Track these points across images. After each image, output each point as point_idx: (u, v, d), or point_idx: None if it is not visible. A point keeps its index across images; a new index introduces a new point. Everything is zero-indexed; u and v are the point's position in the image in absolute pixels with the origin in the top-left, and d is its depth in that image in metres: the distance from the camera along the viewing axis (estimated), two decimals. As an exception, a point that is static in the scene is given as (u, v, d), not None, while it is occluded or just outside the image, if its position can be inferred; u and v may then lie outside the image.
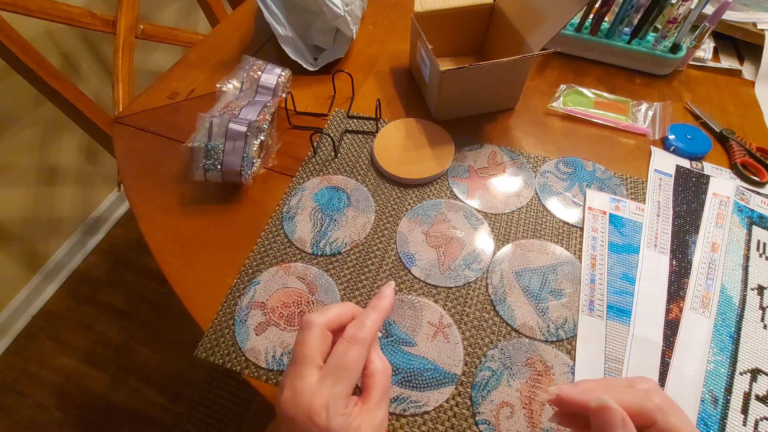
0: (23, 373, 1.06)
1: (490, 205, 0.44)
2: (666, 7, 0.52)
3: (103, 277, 1.23)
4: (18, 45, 0.66)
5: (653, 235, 0.41)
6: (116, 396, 1.02)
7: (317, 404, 0.24)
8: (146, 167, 0.48)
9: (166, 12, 1.23)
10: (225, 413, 0.99)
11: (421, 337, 0.36)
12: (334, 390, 0.25)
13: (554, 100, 0.53)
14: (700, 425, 0.31)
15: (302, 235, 0.42)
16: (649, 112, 0.52)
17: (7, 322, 1.10)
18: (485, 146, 0.49)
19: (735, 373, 0.33)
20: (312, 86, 0.56)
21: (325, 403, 0.24)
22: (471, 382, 0.33)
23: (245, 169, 0.42)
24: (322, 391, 0.25)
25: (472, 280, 0.39)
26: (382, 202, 0.44)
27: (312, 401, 0.24)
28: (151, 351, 1.09)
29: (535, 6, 0.45)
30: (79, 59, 1.06)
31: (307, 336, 0.27)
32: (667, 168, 0.47)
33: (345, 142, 0.50)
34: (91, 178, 1.22)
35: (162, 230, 0.43)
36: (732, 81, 0.57)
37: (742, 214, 0.42)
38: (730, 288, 0.38)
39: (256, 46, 0.63)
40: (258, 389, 0.34)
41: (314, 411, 0.24)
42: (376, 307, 0.29)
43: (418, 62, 0.53)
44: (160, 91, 0.57)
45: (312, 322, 0.27)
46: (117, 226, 1.33)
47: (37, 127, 1.02)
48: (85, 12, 0.78)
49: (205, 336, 0.36)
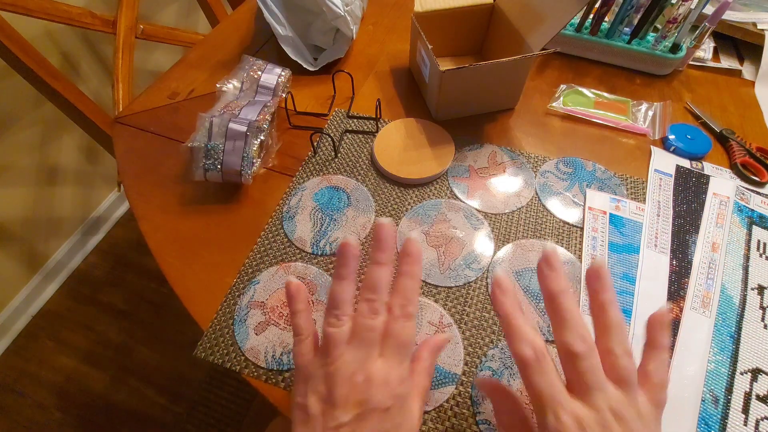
0: (23, 373, 1.06)
1: (490, 205, 0.44)
2: (666, 7, 0.52)
3: (103, 277, 1.23)
4: (18, 45, 0.66)
5: (653, 235, 0.41)
6: (116, 396, 1.02)
7: (394, 378, 0.26)
8: (146, 167, 0.48)
9: (166, 12, 1.24)
10: (225, 413, 0.99)
11: (422, 336, 0.36)
12: (403, 367, 0.26)
13: (554, 100, 0.53)
14: (700, 425, 0.31)
15: (302, 234, 0.42)
16: (649, 112, 0.52)
17: (7, 322, 1.10)
18: (485, 146, 0.49)
19: (735, 373, 0.33)
20: (312, 86, 0.56)
21: (400, 376, 0.26)
22: (471, 382, 0.33)
23: (245, 169, 0.42)
24: (398, 372, 0.26)
25: (472, 280, 0.39)
26: (382, 202, 0.44)
27: (388, 376, 0.26)
28: (151, 351, 1.09)
29: (535, 6, 0.45)
30: (79, 59, 1.06)
31: (378, 322, 0.27)
32: (667, 168, 0.47)
33: (345, 142, 0.50)
34: (91, 178, 1.23)
35: (162, 230, 0.43)
36: (732, 81, 0.57)
37: (742, 214, 0.42)
38: (730, 288, 0.38)
39: (256, 46, 0.63)
40: (258, 389, 0.34)
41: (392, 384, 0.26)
42: (410, 274, 0.28)
43: (418, 62, 0.53)
44: (160, 91, 0.57)
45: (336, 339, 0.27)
46: (117, 226, 1.33)
47: (37, 127, 1.02)
48: (85, 12, 0.78)
49: (205, 336, 0.36)
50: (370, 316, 0.27)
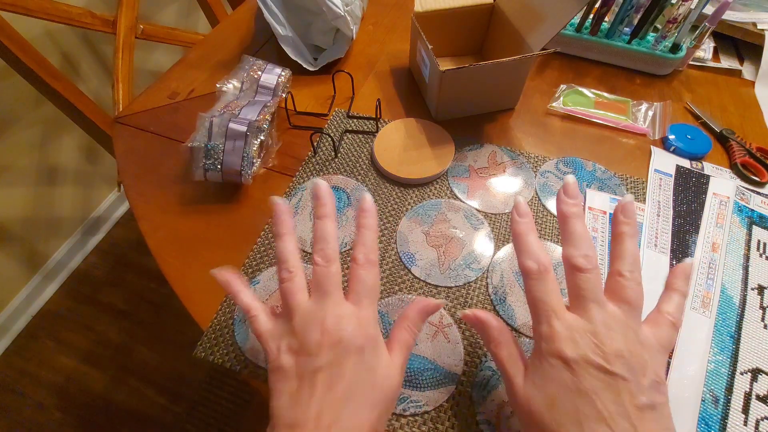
0: (23, 373, 1.06)
1: (491, 205, 0.44)
2: (666, 7, 0.52)
3: (103, 277, 1.23)
4: (18, 45, 0.66)
5: (653, 234, 0.41)
6: (116, 396, 1.02)
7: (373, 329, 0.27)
8: (146, 167, 0.48)
9: (166, 12, 1.24)
10: (225, 413, 0.99)
11: (421, 336, 0.36)
12: (371, 309, 0.28)
13: (554, 100, 0.53)
14: (700, 425, 0.31)
15: (302, 234, 0.42)
16: (649, 112, 0.52)
17: (7, 322, 1.10)
18: (485, 146, 0.49)
19: (735, 373, 0.33)
20: (312, 86, 0.56)
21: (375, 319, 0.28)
22: (471, 382, 0.33)
23: (245, 168, 0.42)
24: (367, 313, 0.27)
25: (472, 280, 0.39)
26: (382, 202, 0.44)
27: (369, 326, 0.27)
28: (151, 351, 1.09)
29: (535, 6, 0.45)
30: (79, 59, 1.06)
31: (335, 268, 0.28)
32: (667, 168, 0.47)
33: (345, 142, 0.50)
34: (91, 178, 1.23)
35: (162, 230, 0.43)
36: (732, 81, 0.57)
37: (742, 214, 0.42)
38: (730, 288, 0.38)
39: (256, 46, 0.63)
40: (258, 389, 0.34)
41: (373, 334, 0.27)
42: (368, 226, 0.30)
43: (418, 62, 0.53)
44: (160, 91, 0.57)
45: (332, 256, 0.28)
46: (117, 226, 1.33)
47: (37, 127, 1.02)
48: (85, 12, 0.78)
49: (205, 336, 0.36)
50: (325, 264, 0.28)
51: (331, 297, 0.27)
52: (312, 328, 0.25)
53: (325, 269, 0.28)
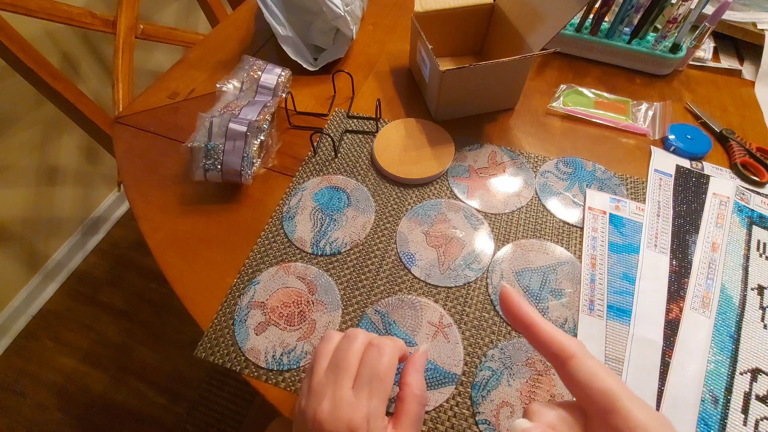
0: (23, 373, 1.06)
1: (490, 205, 0.44)
2: (666, 7, 0.52)
3: (103, 277, 1.23)
4: (18, 45, 0.66)
5: (653, 234, 0.41)
6: (116, 396, 1.02)
7: (358, 417, 0.24)
8: (146, 167, 0.48)
9: (166, 12, 1.24)
10: (225, 413, 0.99)
11: (422, 337, 0.36)
12: (372, 403, 0.24)
13: (554, 100, 0.53)
14: (700, 425, 0.31)
15: (302, 234, 0.42)
16: (649, 112, 0.52)
17: (7, 322, 1.10)
18: (485, 146, 0.49)
19: (735, 373, 0.33)
20: (312, 86, 0.56)
21: (365, 415, 0.24)
22: (471, 382, 0.33)
23: (245, 168, 0.43)
24: (360, 404, 0.24)
25: (472, 280, 0.39)
26: (382, 202, 0.44)
27: (353, 414, 0.24)
28: (151, 351, 1.09)
29: (535, 6, 0.45)
30: (79, 59, 1.06)
31: (354, 344, 0.26)
32: (667, 168, 0.47)
33: (345, 142, 0.50)
34: (91, 178, 1.23)
35: (162, 230, 0.43)
36: (732, 81, 0.57)
37: (742, 214, 0.42)
38: (730, 288, 0.38)
39: (256, 46, 0.63)
40: (258, 389, 0.34)
41: (355, 424, 0.23)
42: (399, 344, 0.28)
43: (418, 62, 0.53)
44: (160, 91, 0.57)
45: (358, 332, 0.27)
46: (117, 226, 1.33)
47: (37, 127, 1.02)
48: (85, 12, 0.78)
49: (205, 336, 0.36)
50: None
51: None
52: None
53: (376, 358, 0.26)
